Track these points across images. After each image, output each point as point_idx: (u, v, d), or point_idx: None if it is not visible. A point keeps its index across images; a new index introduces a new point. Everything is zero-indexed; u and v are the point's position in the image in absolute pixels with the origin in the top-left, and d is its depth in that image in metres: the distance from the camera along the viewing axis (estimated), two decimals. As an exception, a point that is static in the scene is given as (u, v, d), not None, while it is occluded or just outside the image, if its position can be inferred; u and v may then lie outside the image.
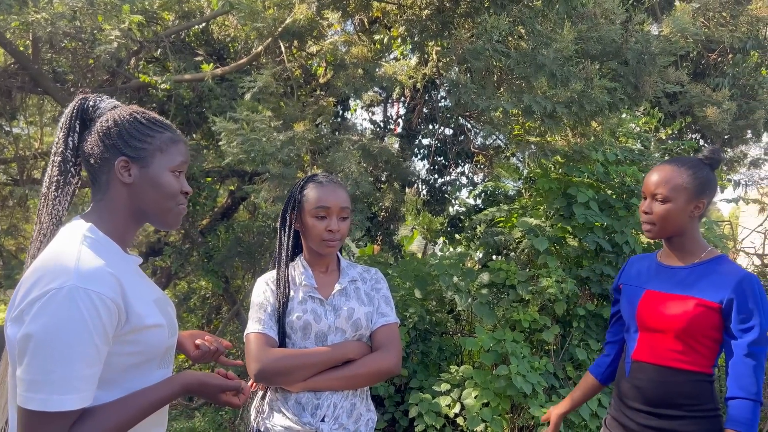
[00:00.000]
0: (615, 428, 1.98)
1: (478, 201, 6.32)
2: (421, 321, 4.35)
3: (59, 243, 1.19)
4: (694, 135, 7.14)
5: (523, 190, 5.38)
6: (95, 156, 1.26)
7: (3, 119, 5.00)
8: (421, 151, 6.67)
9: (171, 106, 4.39)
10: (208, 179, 5.31)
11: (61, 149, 1.26)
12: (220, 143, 3.52)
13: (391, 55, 5.36)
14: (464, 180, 6.88)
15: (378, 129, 6.77)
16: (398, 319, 1.92)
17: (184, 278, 6.72)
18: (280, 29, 3.69)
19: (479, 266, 5.05)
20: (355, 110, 6.63)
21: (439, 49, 4.16)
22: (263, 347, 1.73)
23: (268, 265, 2.05)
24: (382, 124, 6.86)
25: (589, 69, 3.52)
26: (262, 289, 1.84)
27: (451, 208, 6.92)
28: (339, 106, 5.50)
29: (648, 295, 1.91)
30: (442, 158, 6.59)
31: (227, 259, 5.14)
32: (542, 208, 4.68)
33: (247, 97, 3.69)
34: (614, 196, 4.40)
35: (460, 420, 3.70)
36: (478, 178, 6.93)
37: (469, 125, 6.35)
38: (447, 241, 6.77)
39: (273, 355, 1.72)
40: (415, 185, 6.81)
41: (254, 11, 3.61)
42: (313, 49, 4.01)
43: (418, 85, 4.30)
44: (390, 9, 4.13)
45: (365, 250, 6.69)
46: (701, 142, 7.06)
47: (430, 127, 6.53)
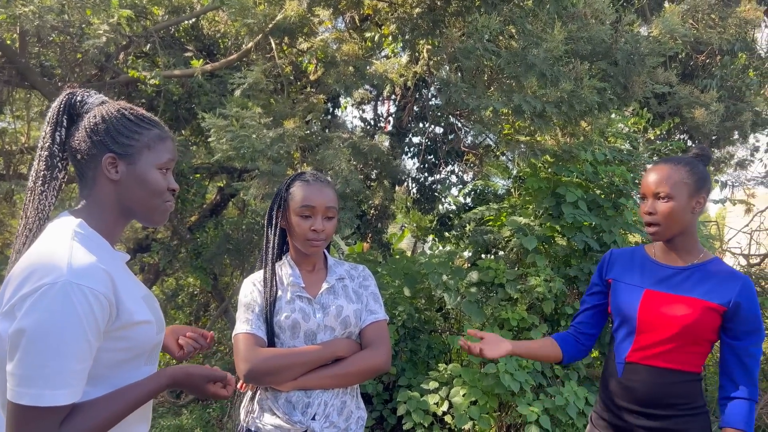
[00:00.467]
0: (604, 428, 1.97)
1: (468, 200, 6.34)
2: (409, 319, 4.36)
3: (49, 238, 1.18)
4: (682, 136, 7.20)
5: (513, 189, 5.40)
6: (82, 152, 1.25)
7: (-11, 113, 4.95)
8: (411, 150, 6.66)
9: (160, 101, 4.36)
10: (197, 176, 5.29)
11: (47, 144, 1.26)
12: (210, 139, 3.50)
13: (382, 53, 5.35)
14: (454, 178, 6.88)
15: (368, 127, 6.76)
16: (387, 315, 1.92)
17: (172, 275, 6.70)
18: (270, 25, 3.68)
19: (468, 265, 5.07)
20: (346, 108, 6.61)
21: (429, 47, 4.16)
22: (252, 347, 1.72)
23: (256, 263, 2.04)
24: (372, 121, 6.85)
25: (579, 69, 3.53)
26: (249, 290, 1.83)
27: (440, 206, 6.93)
28: (329, 104, 5.48)
29: (649, 296, 1.88)
30: (432, 156, 6.59)
31: (216, 256, 5.12)
32: (531, 207, 4.70)
33: (237, 93, 3.67)
34: (603, 196, 4.43)
35: (448, 418, 3.71)
36: (467, 177, 6.94)
37: (459, 124, 6.35)
38: (436, 240, 6.79)
39: (262, 354, 1.71)
40: (405, 183, 6.80)
41: (245, 7, 3.59)
42: (304, 45, 4.00)
43: (409, 84, 4.29)
44: (381, 7, 4.13)
45: (354, 248, 6.68)
46: (689, 142, 7.12)
47: (421, 125, 6.53)
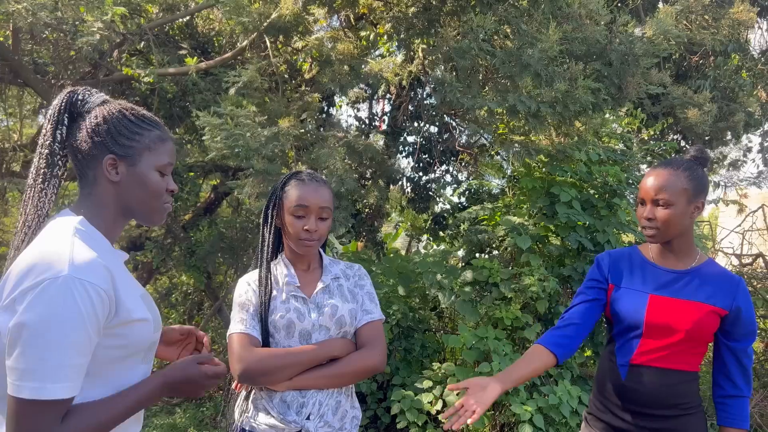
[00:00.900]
0: (602, 430, 1.97)
1: (462, 199, 6.35)
2: (404, 318, 4.36)
3: (50, 234, 1.19)
4: (675, 136, 7.24)
5: (507, 189, 5.42)
6: (83, 152, 1.25)
7: (-19, 110, 4.92)
8: (406, 149, 6.67)
9: (154, 99, 4.35)
10: (191, 174, 5.27)
11: (48, 142, 1.25)
12: (204, 138, 3.49)
13: (377, 52, 5.35)
14: (449, 178, 6.90)
15: (363, 126, 6.75)
16: (383, 315, 1.92)
17: (165, 273, 6.67)
18: (265, 24, 3.67)
19: (462, 264, 5.07)
20: (341, 107, 6.62)
21: (425, 47, 4.16)
22: (246, 347, 1.71)
23: (251, 262, 2.04)
24: (367, 120, 6.85)
25: (574, 69, 3.54)
26: (243, 290, 1.82)
27: (435, 205, 6.94)
28: (324, 103, 5.48)
29: (655, 301, 1.87)
30: (426, 156, 6.59)
31: (209, 254, 5.10)
32: (525, 206, 4.71)
33: (232, 91, 3.66)
34: (597, 196, 4.44)
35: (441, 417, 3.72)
36: (462, 176, 6.96)
37: (454, 123, 6.36)
38: (431, 239, 6.80)
39: (257, 354, 1.70)
40: (400, 182, 6.80)
41: (240, 5, 3.59)
42: (299, 44, 3.99)
43: (404, 83, 4.29)
44: (376, 6, 4.12)
45: (349, 247, 6.69)
46: (683, 143, 7.15)
47: (416, 124, 6.53)
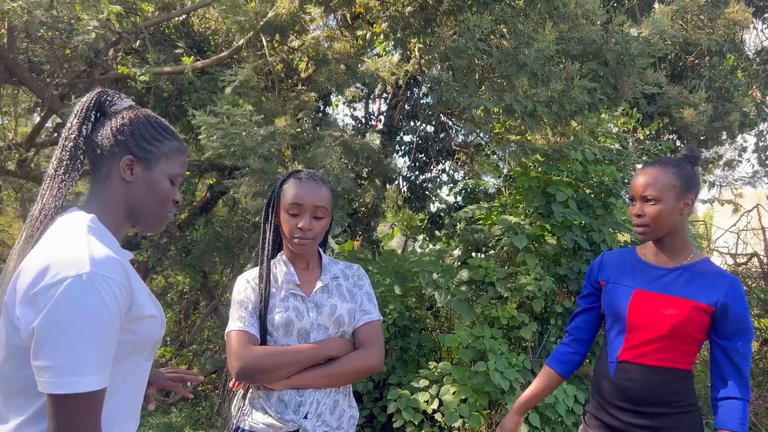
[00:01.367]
0: (598, 428, 1.99)
1: (459, 198, 6.35)
2: (400, 317, 4.36)
3: (64, 231, 1.21)
4: (671, 136, 7.26)
5: (503, 188, 5.42)
6: (104, 148, 1.30)
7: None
8: (403, 148, 6.67)
9: (150, 98, 4.34)
10: (187, 173, 5.25)
11: (74, 135, 1.29)
12: (200, 137, 3.48)
13: (374, 51, 5.34)
14: (445, 177, 6.90)
15: (359, 125, 6.75)
16: (381, 316, 1.92)
17: (161, 273, 6.66)
18: (261, 23, 3.66)
19: (458, 263, 5.08)
20: (337, 106, 6.61)
21: (421, 46, 4.16)
22: (245, 345, 1.71)
23: (249, 261, 2.04)
24: (363, 120, 6.84)
25: (570, 69, 3.55)
26: (243, 287, 1.82)
27: (431, 205, 6.94)
28: (320, 102, 5.48)
29: (638, 296, 1.91)
30: (423, 155, 6.59)
31: (205, 253, 5.10)
32: (522, 206, 4.72)
33: (228, 90, 3.65)
34: (592, 195, 4.45)
35: (438, 416, 3.72)
36: (458, 176, 6.96)
37: (450, 123, 6.37)
38: (427, 238, 6.80)
39: (254, 352, 1.70)
40: (396, 182, 6.80)
41: (236, 4, 3.58)
42: (295, 43, 3.98)
43: (400, 82, 4.29)
44: (373, 5, 4.12)
45: (345, 247, 6.68)
46: (678, 143, 7.18)
47: (412, 123, 6.53)
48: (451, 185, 6.74)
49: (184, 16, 4.81)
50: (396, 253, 6.73)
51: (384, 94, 6.68)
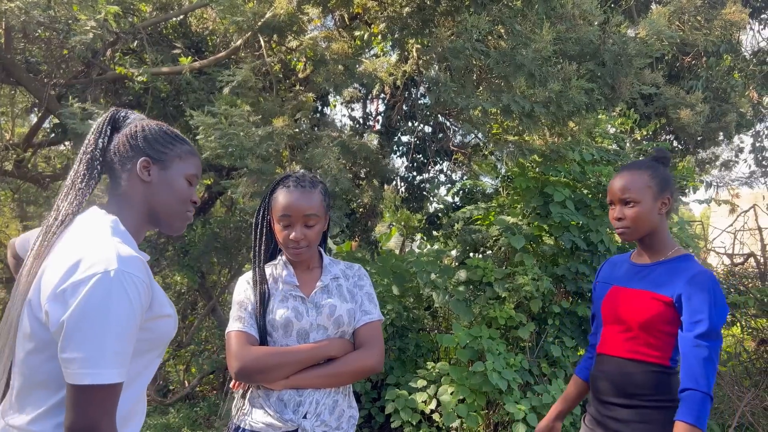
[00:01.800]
0: (589, 422, 2.06)
1: (456, 199, 6.36)
2: (398, 317, 4.37)
3: (87, 229, 1.27)
4: (668, 136, 7.28)
5: (501, 189, 5.42)
6: (120, 153, 1.38)
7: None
8: (400, 148, 6.67)
9: (147, 99, 4.33)
10: (185, 173, 5.24)
11: (91, 149, 1.38)
12: (198, 137, 3.48)
13: (372, 52, 5.35)
14: (443, 177, 6.90)
15: (357, 125, 6.75)
16: (382, 316, 1.92)
17: (159, 273, 6.64)
18: (259, 23, 3.66)
19: (456, 263, 5.08)
20: (335, 106, 6.61)
21: (419, 46, 4.16)
22: (244, 345, 1.72)
23: (247, 261, 2.05)
24: (361, 120, 6.84)
25: (567, 69, 3.56)
26: (243, 288, 1.83)
27: (429, 205, 6.94)
28: (318, 102, 5.47)
29: (613, 291, 2.03)
30: (421, 155, 6.60)
31: (203, 254, 5.10)
32: (519, 206, 4.72)
33: (226, 91, 3.65)
34: (590, 196, 4.46)
35: (436, 416, 3.73)
36: (456, 176, 6.96)
37: (448, 123, 6.37)
38: (425, 238, 6.80)
39: (254, 353, 1.71)
40: (394, 182, 6.80)
41: (234, 4, 3.58)
42: (293, 44, 3.98)
43: (398, 83, 4.29)
44: (371, 5, 4.12)
45: (343, 247, 6.68)
46: (675, 143, 7.19)
47: (410, 124, 6.53)
48: (449, 185, 6.74)
49: (181, 17, 4.81)
50: (394, 253, 6.73)
51: (382, 95, 6.68)
